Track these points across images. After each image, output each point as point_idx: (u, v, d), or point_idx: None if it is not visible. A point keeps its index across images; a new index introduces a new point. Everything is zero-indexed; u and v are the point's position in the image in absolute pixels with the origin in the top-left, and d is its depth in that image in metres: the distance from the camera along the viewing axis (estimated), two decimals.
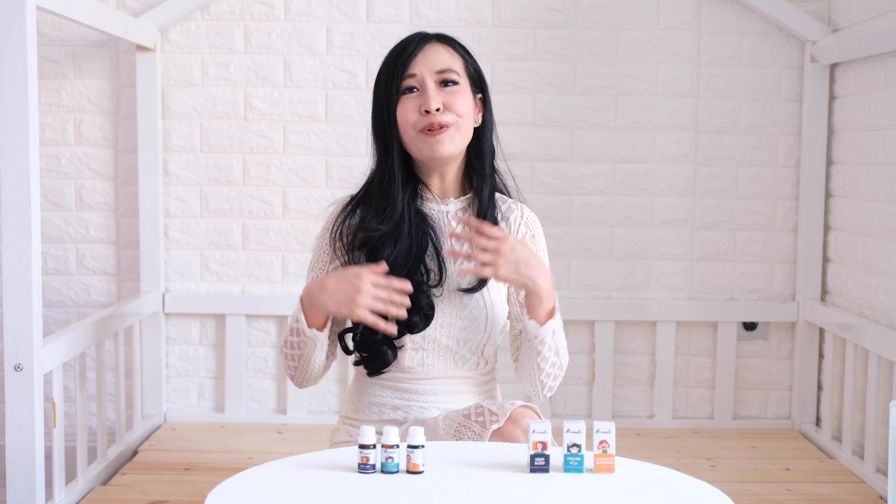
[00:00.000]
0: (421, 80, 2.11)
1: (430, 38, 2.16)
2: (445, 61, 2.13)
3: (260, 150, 3.46)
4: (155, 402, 3.46)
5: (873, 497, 2.82)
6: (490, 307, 2.15)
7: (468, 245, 2.14)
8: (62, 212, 3.48)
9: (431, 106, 2.08)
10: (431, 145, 2.10)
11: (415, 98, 2.11)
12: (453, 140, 2.11)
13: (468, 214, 2.18)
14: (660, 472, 1.82)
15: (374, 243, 2.11)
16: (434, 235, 2.14)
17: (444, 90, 2.11)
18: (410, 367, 2.15)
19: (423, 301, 2.10)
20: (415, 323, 2.10)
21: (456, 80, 2.12)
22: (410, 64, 2.11)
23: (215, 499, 1.64)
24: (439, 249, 2.13)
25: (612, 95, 3.45)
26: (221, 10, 3.42)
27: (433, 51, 2.13)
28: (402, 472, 1.75)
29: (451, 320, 2.13)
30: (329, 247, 2.17)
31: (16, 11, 2.27)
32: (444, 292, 2.13)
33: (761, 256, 3.50)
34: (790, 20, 3.35)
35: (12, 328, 2.35)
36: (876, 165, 3.06)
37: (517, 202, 2.25)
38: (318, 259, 2.19)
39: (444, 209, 2.18)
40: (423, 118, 2.09)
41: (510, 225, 2.21)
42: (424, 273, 2.12)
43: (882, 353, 2.88)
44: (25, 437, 2.36)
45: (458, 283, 2.14)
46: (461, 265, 2.11)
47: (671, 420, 3.51)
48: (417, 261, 2.11)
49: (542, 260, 2.13)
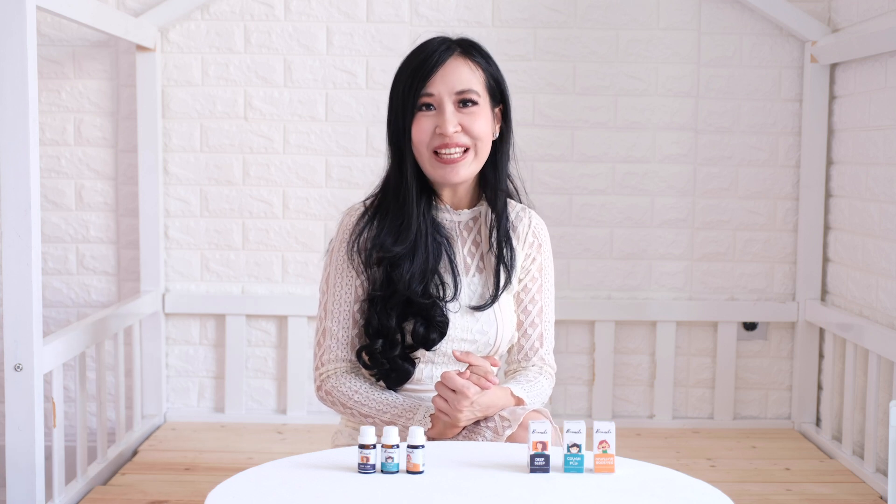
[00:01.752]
0: (439, 100, 2.05)
1: (453, 50, 2.08)
2: (466, 80, 2.06)
3: (260, 150, 3.46)
4: (155, 402, 3.46)
5: (873, 497, 2.82)
6: (501, 322, 2.13)
7: (479, 258, 2.14)
8: (62, 212, 3.48)
9: (448, 130, 2.03)
10: (445, 174, 2.06)
11: (431, 117, 2.06)
12: (469, 168, 2.08)
13: (479, 225, 2.17)
14: (660, 472, 1.82)
15: (391, 261, 2.08)
16: (448, 246, 2.12)
17: (462, 111, 2.06)
18: (420, 380, 2.13)
19: (437, 316, 2.07)
20: (432, 340, 2.08)
21: (475, 100, 2.06)
22: (429, 82, 2.05)
23: (215, 499, 1.64)
24: (453, 260, 2.11)
25: (612, 95, 3.45)
26: (221, 10, 3.42)
27: (454, 67, 2.06)
28: (402, 472, 1.75)
29: (463, 334, 2.11)
30: (348, 262, 2.12)
31: (16, 11, 2.27)
32: (459, 308, 2.11)
33: (761, 256, 3.50)
34: (790, 20, 3.35)
35: (12, 328, 2.35)
36: (876, 165, 3.06)
37: (525, 208, 2.22)
38: (341, 275, 2.13)
39: (457, 219, 2.16)
40: (438, 137, 2.05)
41: (518, 235, 2.18)
42: (440, 286, 2.09)
43: (882, 353, 2.88)
44: (25, 437, 2.36)
45: (470, 298, 2.13)
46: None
47: (671, 420, 3.51)
48: (433, 273, 2.08)
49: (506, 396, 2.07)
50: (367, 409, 2.07)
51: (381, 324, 2.07)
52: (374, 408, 2.06)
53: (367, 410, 2.07)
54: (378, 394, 2.08)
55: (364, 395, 2.08)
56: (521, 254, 2.18)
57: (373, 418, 2.06)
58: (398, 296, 2.06)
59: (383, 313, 2.07)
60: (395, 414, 2.04)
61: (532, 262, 2.20)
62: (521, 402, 2.06)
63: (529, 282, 2.19)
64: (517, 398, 2.05)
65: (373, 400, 2.07)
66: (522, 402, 2.06)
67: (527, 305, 2.19)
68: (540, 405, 2.13)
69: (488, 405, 2.00)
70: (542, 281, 2.20)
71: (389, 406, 2.06)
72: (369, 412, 2.07)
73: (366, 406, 2.07)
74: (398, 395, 2.08)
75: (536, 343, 2.18)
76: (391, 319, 2.07)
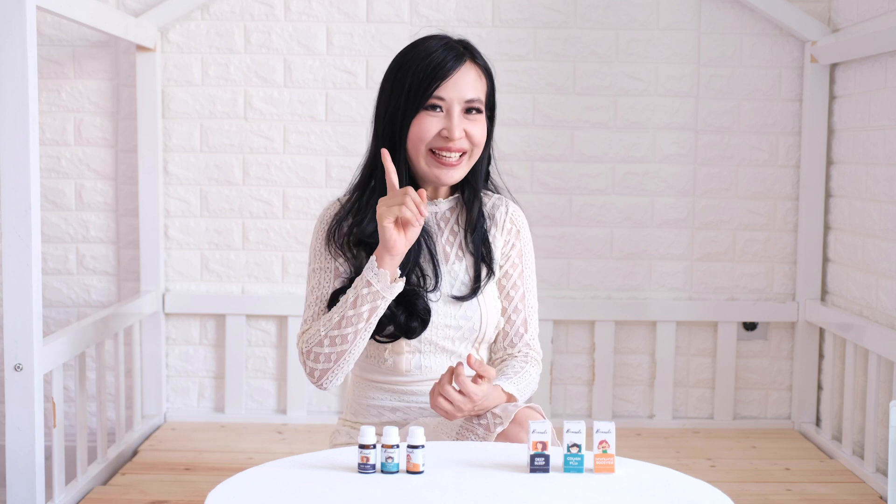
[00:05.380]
0: (448, 106, 2.08)
1: (465, 57, 2.11)
2: (475, 89, 2.11)
3: (260, 150, 3.46)
4: (155, 402, 3.46)
5: (873, 497, 2.82)
6: (484, 307, 2.15)
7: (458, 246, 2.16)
8: (62, 212, 3.48)
9: (455, 135, 2.07)
10: (441, 175, 2.10)
11: (437, 118, 2.08)
12: (463, 170, 2.12)
13: (456, 215, 2.19)
14: (660, 472, 1.82)
15: (370, 245, 2.09)
16: (427, 236, 2.14)
17: (467, 117, 2.10)
18: (408, 371, 2.14)
19: (419, 306, 2.09)
20: (413, 328, 2.09)
21: (480, 108, 2.12)
22: (443, 86, 2.07)
23: (215, 499, 1.64)
24: (433, 251, 2.14)
25: (612, 95, 3.45)
26: (221, 10, 3.42)
27: (467, 74, 2.10)
28: (402, 472, 1.75)
29: (447, 321, 2.13)
30: (326, 249, 2.13)
31: (16, 11, 2.27)
32: (440, 296, 2.13)
33: (761, 256, 3.50)
34: (790, 20, 3.35)
35: (12, 328, 2.35)
36: (876, 165, 3.06)
37: (502, 198, 2.25)
38: (320, 262, 2.13)
39: (435, 209, 2.19)
40: (441, 140, 2.08)
41: (496, 222, 2.21)
42: (421, 277, 2.11)
43: (882, 353, 2.88)
44: (25, 437, 2.36)
45: (450, 289, 2.14)
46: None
47: (671, 420, 3.51)
48: (414, 265, 2.10)
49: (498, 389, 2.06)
50: (334, 320, 2.01)
51: None
52: (336, 313, 2.02)
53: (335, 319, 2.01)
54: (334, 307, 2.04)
55: (326, 316, 2.04)
56: (500, 240, 2.21)
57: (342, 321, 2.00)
58: None
59: None
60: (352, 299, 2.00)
61: (511, 248, 2.22)
62: (513, 399, 2.07)
63: (510, 268, 2.21)
64: (508, 395, 2.06)
65: (332, 313, 2.03)
66: (514, 399, 2.07)
67: (509, 291, 2.21)
68: (530, 393, 2.15)
69: (483, 405, 2.01)
70: (522, 267, 2.22)
71: (344, 300, 2.02)
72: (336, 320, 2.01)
73: (331, 320, 2.02)
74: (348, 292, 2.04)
75: (521, 328, 2.20)
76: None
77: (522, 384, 2.12)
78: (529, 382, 2.15)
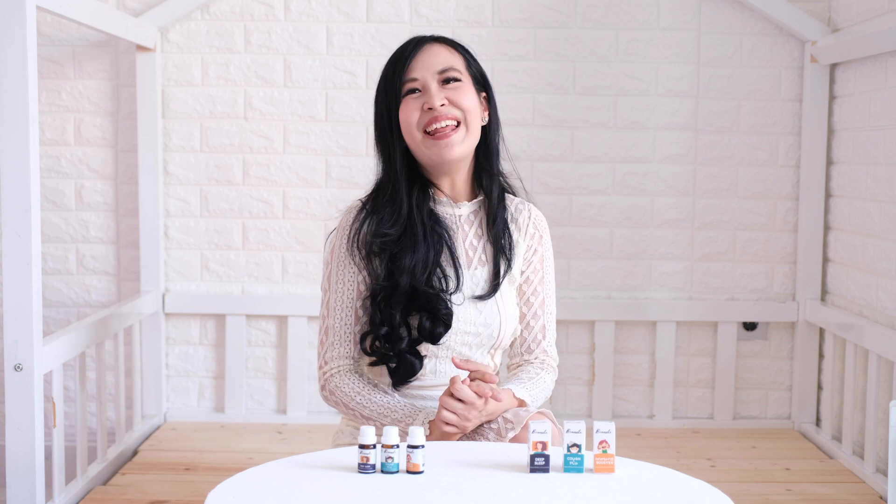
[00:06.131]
0: (423, 83, 2.07)
1: (428, 40, 2.12)
2: (446, 60, 2.09)
3: (260, 150, 3.46)
4: (155, 402, 3.46)
5: (873, 497, 2.82)
6: (504, 314, 2.13)
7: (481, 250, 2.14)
8: (62, 212, 3.48)
9: (435, 103, 2.04)
10: (440, 150, 2.06)
11: (417, 98, 2.07)
12: (463, 141, 2.08)
13: (480, 219, 2.17)
14: (660, 472, 1.81)
15: (392, 250, 2.07)
16: (449, 238, 2.11)
17: (446, 87, 2.08)
18: (423, 375, 2.12)
19: (442, 310, 2.06)
20: (438, 334, 2.07)
21: (458, 77, 2.08)
22: (409, 67, 2.07)
23: (215, 499, 1.64)
24: (454, 252, 2.11)
25: (612, 95, 3.45)
26: (221, 10, 3.42)
27: (432, 51, 2.09)
28: (402, 472, 1.75)
29: (466, 327, 2.11)
30: (349, 258, 2.11)
31: (16, 11, 2.27)
32: (463, 300, 2.11)
33: (761, 256, 3.50)
34: (790, 20, 3.35)
35: (12, 328, 2.35)
36: (876, 165, 3.06)
37: (524, 201, 2.23)
38: (342, 271, 2.12)
39: (457, 212, 2.16)
40: (427, 114, 2.05)
41: (519, 226, 2.19)
42: (443, 279, 2.09)
43: (882, 353, 2.88)
44: (25, 437, 2.36)
45: (472, 291, 2.12)
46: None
47: (671, 420, 3.51)
48: (435, 265, 2.08)
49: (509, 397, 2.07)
50: (369, 412, 2.07)
51: (384, 319, 2.06)
52: (375, 411, 2.06)
53: (369, 413, 2.07)
54: (379, 396, 2.08)
55: (366, 398, 2.08)
56: (523, 245, 2.19)
57: (374, 421, 2.06)
58: (401, 289, 2.05)
59: (386, 308, 2.06)
60: (396, 419, 2.04)
61: (534, 254, 2.20)
62: (524, 404, 2.06)
63: (532, 273, 2.19)
64: (520, 400, 2.05)
65: (374, 403, 2.07)
66: (525, 404, 2.06)
67: (529, 297, 2.19)
68: (543, 400, 2.14)
69: (493, 410, 2.00)
70: (543, 273, 2.21)
71: (390, 410, 2.06)
72: (370, 415, 2.07)
73: (367, 409, 2.07)
74: (399, 399, 2.08)
75: (539, 335, 2.19)
76: (395, 313, 2.06)
77: (535, 390, 2.11)
78: (543, 389, 2.13)
